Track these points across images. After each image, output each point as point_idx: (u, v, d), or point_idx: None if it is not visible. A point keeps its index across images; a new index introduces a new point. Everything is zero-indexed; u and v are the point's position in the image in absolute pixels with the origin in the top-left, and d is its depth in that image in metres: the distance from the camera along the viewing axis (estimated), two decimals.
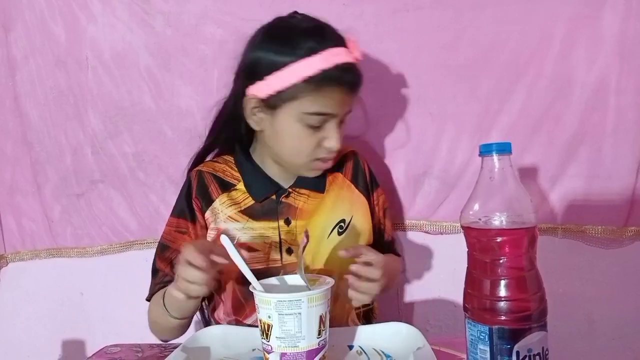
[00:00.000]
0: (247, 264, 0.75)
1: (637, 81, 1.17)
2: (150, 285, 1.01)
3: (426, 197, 1.27)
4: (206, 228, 0.99)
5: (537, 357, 0.58)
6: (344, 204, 1.02)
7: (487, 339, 0.59)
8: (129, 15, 1.28)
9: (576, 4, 1.16)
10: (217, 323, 1.00)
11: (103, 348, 0.91)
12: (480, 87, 1.22)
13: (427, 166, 1.26)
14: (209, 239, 0.97)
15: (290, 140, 0.92)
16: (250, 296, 0.78)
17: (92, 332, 1.39)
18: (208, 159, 1.10)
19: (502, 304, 0.59)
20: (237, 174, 1.01)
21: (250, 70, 0.92)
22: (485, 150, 0.62)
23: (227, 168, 1.03)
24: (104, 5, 1.28)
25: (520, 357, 0.58)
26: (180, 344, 0.81)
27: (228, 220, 0.96)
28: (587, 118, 1.19)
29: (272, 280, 0.78)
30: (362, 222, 1.03)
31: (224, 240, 0.75)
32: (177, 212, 1.01)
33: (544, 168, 1.21)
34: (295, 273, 0.79)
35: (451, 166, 1.25)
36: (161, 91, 1.30)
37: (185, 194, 1.01)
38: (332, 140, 0.91)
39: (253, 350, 0.81)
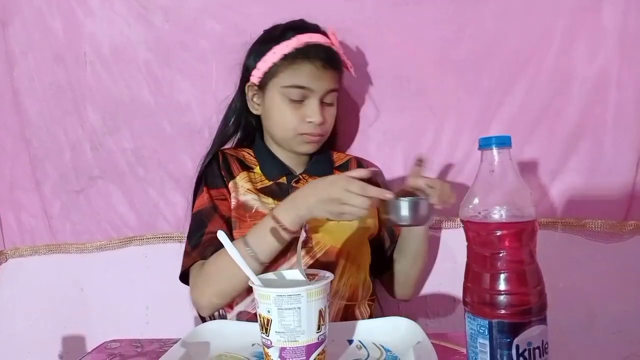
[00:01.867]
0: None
1: (637, 75, 1.16)
2: (195, 251, 1.01)
3: None
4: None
5: (537, 350, 0.58)
6: None
7: (486, 333, 0.59)
8: (128, 9, 1.28)
9: None
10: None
11: (103, 343, 0.91)
12: (481, 81, 1.22)
13: (426, 160, 1.25)
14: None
15: (276, 115, 1.07)
16: None
17: (91, 327, 1.39)
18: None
19: (501, 298, 0.59)
20: (256, 161, 1.13)
21: (248, 65, 1.10)
22: (485, 144, 0.62)
23: (247, 155, 1.14)
24: (102, 0, 1.27)
25: (520, 351, 0.58)
26: (180, 339, 0.81)
27: (247, 193, 1.06)
28: (588, 112, 1.19)
29: (270, 275, 0.78)
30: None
31: (221, 235, 0.75)
32: (214, 185, 1.08)
33: (544, 162, 1.21)
34: (295, 268, 0.79)
35: (451, 160, 1.25)
36: (160, 86, 1.29)
37: (216, 168, 1.10)
38: (313, 115, 1.04)
39: (252, 345, 0.81)
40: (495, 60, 1.21)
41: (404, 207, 0.87)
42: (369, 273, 1.11)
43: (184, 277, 1.05)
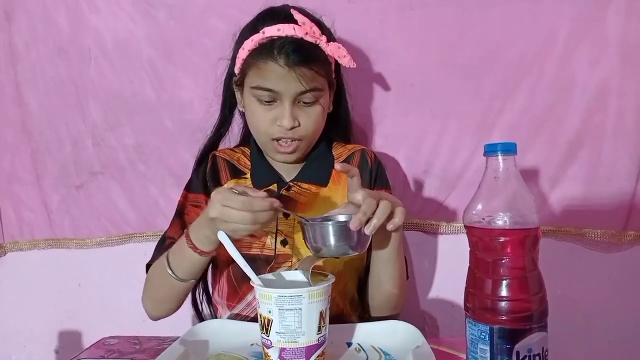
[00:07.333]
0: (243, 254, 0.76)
1: (638, 84, 1.17)
2: (154, 253, 1.00)
3: (426, 197, 1.27)
4: None
5: (537, 357, 0.58)
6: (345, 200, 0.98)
7: (487, 339, 0.59)
8: (133, 6, 1.27)
9: (581, 5, 1.16)
10: (215, 306, 1.03)
11: (101, 339, 0.91)
12: (484, 86, 1.22)
13: (428, 165, 1.26)
14: None
15: (250, 117, 0.98)
16: (244, 282, 0.88)
17: (89, 323, 1.38)
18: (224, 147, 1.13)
19: (503, 304, 0.59)
20: (249, 164, 1.04)
21: (232, 58, 1.00)
22: (490, 150, 0.62)
23: (242, 157, 1.06)
24: None
25: (521, 357, 0.58)
26: (179, 337, 0.80)
27: None
28: (589, 119, 1.19)
29: (269, 276, 0.78)
30: None
31: (221, 236, 0.75)
32: (193, 188, 1.03)
33: (545, 168, 1.21)
34: (294, 268, 0.79)
35: (452, 165, 1.25)
36: (163, 83, 1.29)
37: (202, 172, 1.04)
38: (282, 119, 0.92)
39: (252, 345, 0.81)
40: (498, 66, 1.21)
41: (308, 233, 0.76)
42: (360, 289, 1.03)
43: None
